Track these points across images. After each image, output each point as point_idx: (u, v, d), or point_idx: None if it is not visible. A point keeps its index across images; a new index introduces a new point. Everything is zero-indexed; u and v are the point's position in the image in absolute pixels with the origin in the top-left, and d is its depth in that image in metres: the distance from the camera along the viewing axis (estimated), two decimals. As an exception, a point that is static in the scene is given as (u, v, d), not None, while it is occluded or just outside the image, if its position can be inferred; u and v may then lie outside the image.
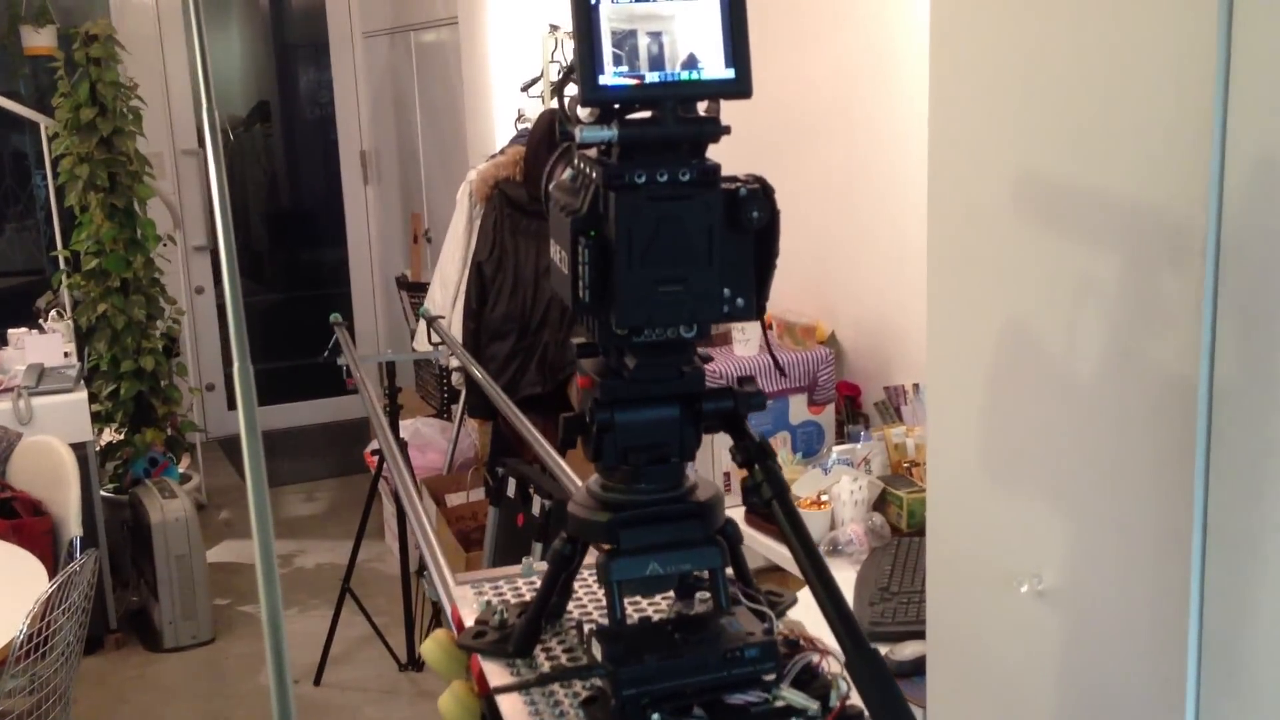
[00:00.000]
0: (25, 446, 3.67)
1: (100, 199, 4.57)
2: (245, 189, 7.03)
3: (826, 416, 3.08)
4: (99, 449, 4.52)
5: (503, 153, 4.12)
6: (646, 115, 0.83)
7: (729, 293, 0.84)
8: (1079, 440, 1.50)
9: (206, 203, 6.19)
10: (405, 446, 4.36)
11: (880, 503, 2.63)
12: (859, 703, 0.82)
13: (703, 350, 0.90)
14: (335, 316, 2.94)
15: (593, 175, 0.83)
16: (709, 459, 2.80)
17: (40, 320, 4.83)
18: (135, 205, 4.66)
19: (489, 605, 1.00)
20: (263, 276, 7.14)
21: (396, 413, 3.98)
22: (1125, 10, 1.38)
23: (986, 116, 1.60)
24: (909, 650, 2.00)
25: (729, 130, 0.84)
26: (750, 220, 0.83)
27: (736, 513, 1.07)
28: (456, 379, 4.65)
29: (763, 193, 0.84)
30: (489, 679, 0.92)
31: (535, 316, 3.92)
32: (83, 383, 4.29)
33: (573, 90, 0.83)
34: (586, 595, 1.04)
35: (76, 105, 4.50)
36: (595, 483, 0.91)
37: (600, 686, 0.85)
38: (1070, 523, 1.52)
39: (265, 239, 7.23)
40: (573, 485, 1.25)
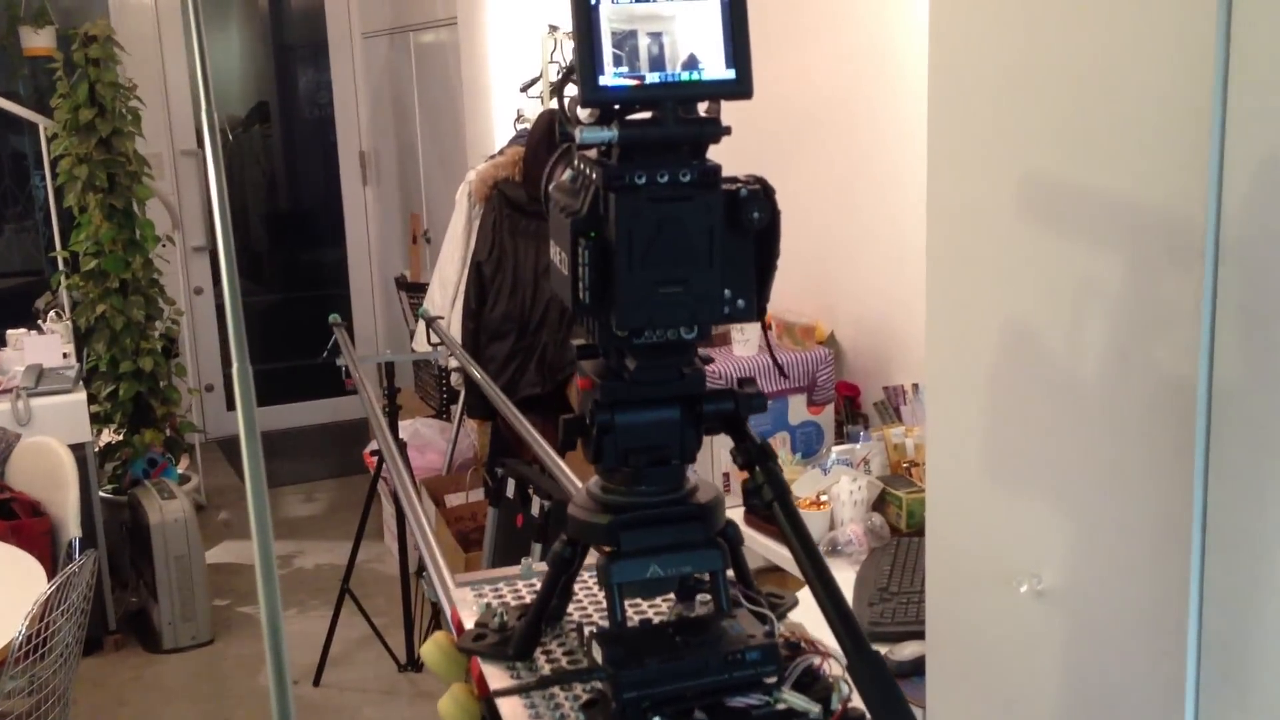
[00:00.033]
0: (24, 447, 3.67)
1: (99, 200, 4.57)
2: (244, 190, 7.03)
3: (826, 417, 3.07)
4: (98, 450, 4.52)
5: (502, 153, 4.12)
6: (647, 116, 0.83)
7: (730, 294, 0.84)
8: (1078, 440, 1.49)
9: (205, 203, 6.19)
10: (404, 447, 4.36)
11: (879, 503, 2.63)
12: (861, 706, 0.81)
13: (704, 351, 0.90)
14: (334, 317, 2.94)
15: (593, 176, 0.83)
16: (707, 459, 2.80)
17: (39, 321, 4.82)
18: (134, 206, 4.66)
19: (489, 608, 1.00)
20: (262, 277, 7.14)
21: (395, 413, 3.98)
22: (1124, 9, 1.38)
23: (985, 116, 1.60)
24: (908, 650, 2.00)
25: (729, 131, 0.84)
26: (751, 221, 0.83)
27: (735, 512, 1.07)
28: (455, 379, 4.64)
29: (763, 193, 0.84)
30: (489, 682, 0.92)
31: (534, 317, 3.92)
32: (81, 383, 4.28)
33: (573, 91, 0.83)
34: (587, 597, 1.04)
35: (75, 106, 4.50)
36: (595, 485, 0.91)
37: (601, 689, 0.85)
38: (1070, 523, 1.52)
39: (264, 240, 7.22)
40: (572, 486, 1.25)
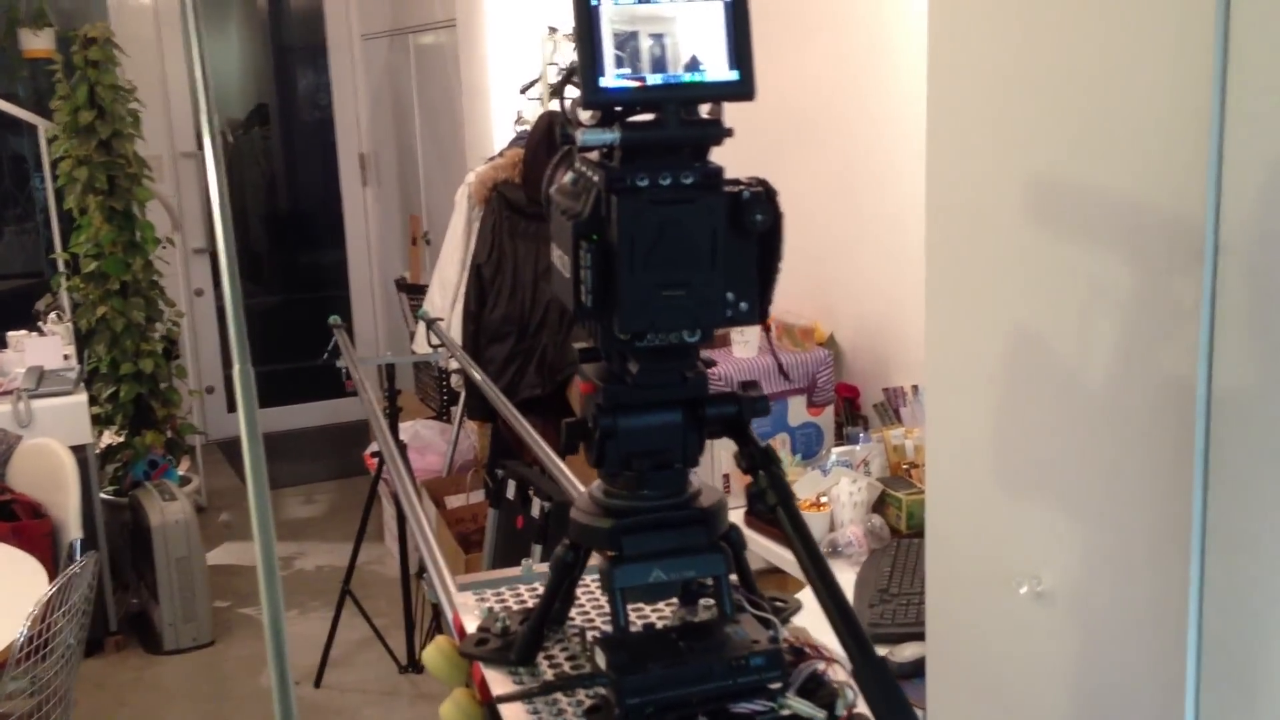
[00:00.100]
0: (25, 449, 3.67)
1: (99, 201, 4.56)
2: (244, 191, 7.03)
3: (825, 418, 3.07)
4: (99, 451, 4.52)
5: (501, 155, 4.12)
6: (648, 118, 0.82)
7: (732, 296, 0.84)
8: (1078, 441, 1.49)
9: (205, 205, 6.18)
10: (405, 448, 4.35)
11: (879, 504, 2.62)
12: (866, 711, 0.81)
13: (707, 354, 0.89)
14: (334, 319, 2.93)
15: (594, 179, 0.83)
16: (708, 461, 2.80)
17: (40, 323, 4.82)
18: (134, 208, 4.66)
19: (491, 612, 1.00)
20: (262, 279, 7.13)
21: (396, 415, 3.98)
22: (1123, 9, 1.37)
23: (984, 116, 1.60)
24: (908, 652, 2.00)
25: (731, 133, 0.84)
26: (754, 223, 0.83)
27: (735, 513, 1.07)
28: (456, 381, 4.64)
29: (766, 195, 0.83)
30: (491, 687, 0.91)
31: (534, 318, 3.91)
32: (82, 385, 4.28)
33: (573, 92, 0.82)
34: (589, 602, 1.04)
35: (75, 108, 4.50)
36: (598, 489, 0.91)
37: (604, 695, 0.84)
38: (1070, 524, 1.52)
39: (264, 241, 7.22)
40: (572, 487, 1.24)
